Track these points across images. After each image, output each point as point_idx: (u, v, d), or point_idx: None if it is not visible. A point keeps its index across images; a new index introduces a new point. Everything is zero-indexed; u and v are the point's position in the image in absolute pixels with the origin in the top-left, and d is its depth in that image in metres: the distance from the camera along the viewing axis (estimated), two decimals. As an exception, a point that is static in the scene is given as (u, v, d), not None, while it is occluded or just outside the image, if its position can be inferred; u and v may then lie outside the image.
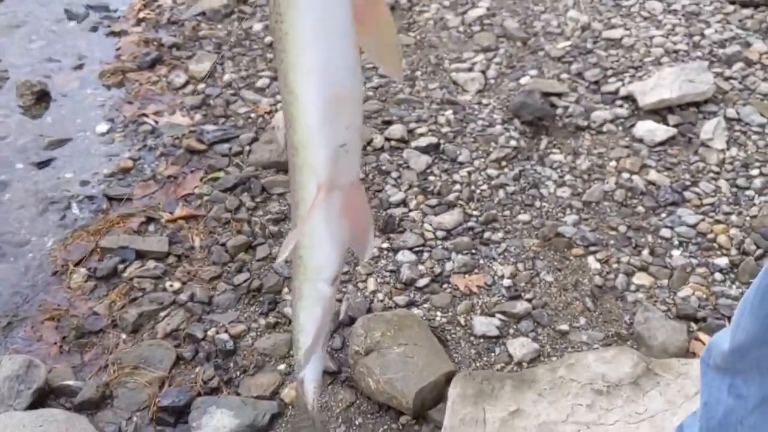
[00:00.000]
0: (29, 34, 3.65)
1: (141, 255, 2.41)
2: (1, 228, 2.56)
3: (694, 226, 2.36)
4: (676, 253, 2.29)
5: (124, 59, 3.44)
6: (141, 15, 3.77)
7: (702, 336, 2.03)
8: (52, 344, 2.17)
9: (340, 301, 2.21)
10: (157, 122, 3.02)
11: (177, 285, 2.31)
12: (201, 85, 3.23)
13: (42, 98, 3.19)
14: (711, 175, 2.54)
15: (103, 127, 3.02)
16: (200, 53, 3.40)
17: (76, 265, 2.40)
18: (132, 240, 2.45)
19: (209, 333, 2.16)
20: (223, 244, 2.44)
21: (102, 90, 3.27)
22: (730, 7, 3.32)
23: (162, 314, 2.23)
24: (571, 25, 3.34)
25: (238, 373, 2.06)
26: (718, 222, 2.36)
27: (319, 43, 0.73)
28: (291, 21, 0.72)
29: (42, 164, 2.83)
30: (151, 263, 2.39)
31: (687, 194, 2.48)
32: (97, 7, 3.86)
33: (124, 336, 2.18)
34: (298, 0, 0.71)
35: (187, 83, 3.25)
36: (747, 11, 3.28)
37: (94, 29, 3.69)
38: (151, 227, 2.54)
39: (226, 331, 2.16)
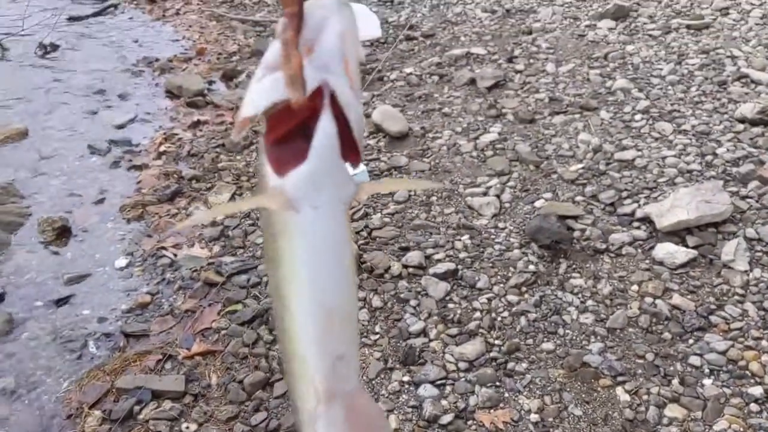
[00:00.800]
0: (53, 169, 3.75)
1: (157, 395, 2.36)
2: (17, 369, 2.53)
3: (723, 353, 2.28)
4: (707, 382, 2.21)
5: (145, 192, 3.51)
6: (162, 148, 3.88)
7: (743, 475, 1.92)
8: (63, 495, 2.10)
9: (361, 441, 2.13)
10: (176, 255, 3.04)
11: (193, 427, 2.25)
12: (220, 216, 3.27)
13: (63, 234, 3.23)
14: (736, 297, 2.48)
15: (122, 262, 3.04)
16: (219, 184, 3.47)
17: (91, 407, 2.34)
18: (148, 379, 2.41)
19: (226, 479, 2.08)
20: (240, 381, 2.39)
21: (122, 224, 3.32)
22: (740, 126, 3.36)
23: (177, 459, 2.16)
24: (583, 147, 3.39)
25: None
26: (749, 348, 2.29)
27: (313, 261, 0.75)
28: (286, 241, 0.74)
29: (60, 301, 2.83)
30: (167, 404, 2.33)
31: (713, 318, 2.41)
32: (120, 142, 3.99)
33: (137, 484, 2.11)
34: (293, 226, 0.73)
35: (205, 215, 3.30)
36: (757, 129, 3.31)
37: (116, 164, 3.79)
38: (168, 365, 2.50)
39: (243, 477, 2.08)
